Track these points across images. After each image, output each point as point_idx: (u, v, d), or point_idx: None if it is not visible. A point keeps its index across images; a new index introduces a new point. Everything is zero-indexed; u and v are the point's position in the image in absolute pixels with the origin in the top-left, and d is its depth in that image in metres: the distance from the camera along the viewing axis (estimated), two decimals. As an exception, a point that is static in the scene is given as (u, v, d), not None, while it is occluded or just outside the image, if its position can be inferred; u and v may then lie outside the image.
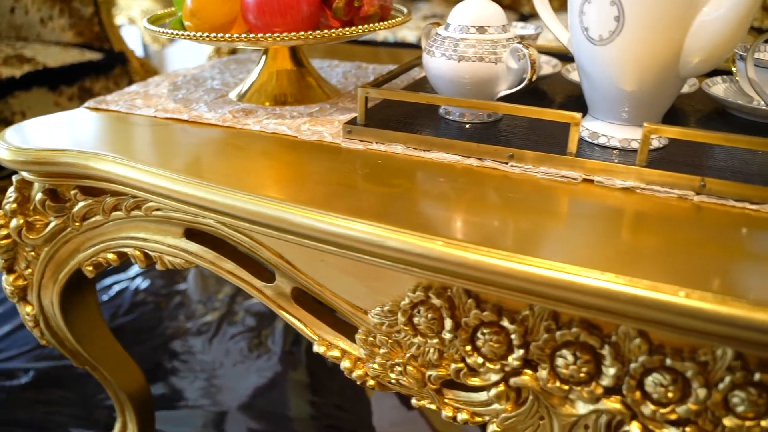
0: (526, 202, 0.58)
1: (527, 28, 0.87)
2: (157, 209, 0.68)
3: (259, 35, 0.71)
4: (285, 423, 1.19)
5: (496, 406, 0.58)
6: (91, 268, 0.77)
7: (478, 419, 0.60)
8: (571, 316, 0.51)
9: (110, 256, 0.75)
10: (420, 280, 0.56)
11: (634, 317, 0.47)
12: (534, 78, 0.65)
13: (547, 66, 0.90)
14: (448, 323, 0.55)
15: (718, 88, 0.82)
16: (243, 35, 0.72)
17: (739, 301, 0.43)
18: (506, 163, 0.64)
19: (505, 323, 0.53)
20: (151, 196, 0.66)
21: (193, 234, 0.70)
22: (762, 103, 0.69)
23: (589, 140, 0.66)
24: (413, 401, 0.63)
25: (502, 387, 0.56)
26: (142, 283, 1.57)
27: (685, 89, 0.81)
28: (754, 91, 0.65)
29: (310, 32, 0.71)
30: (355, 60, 1.10)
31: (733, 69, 0.77)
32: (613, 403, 0.53)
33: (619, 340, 0.50)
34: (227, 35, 0.71)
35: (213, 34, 0.71)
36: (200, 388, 1.26)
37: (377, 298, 0.59)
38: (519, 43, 0.66)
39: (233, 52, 1.78)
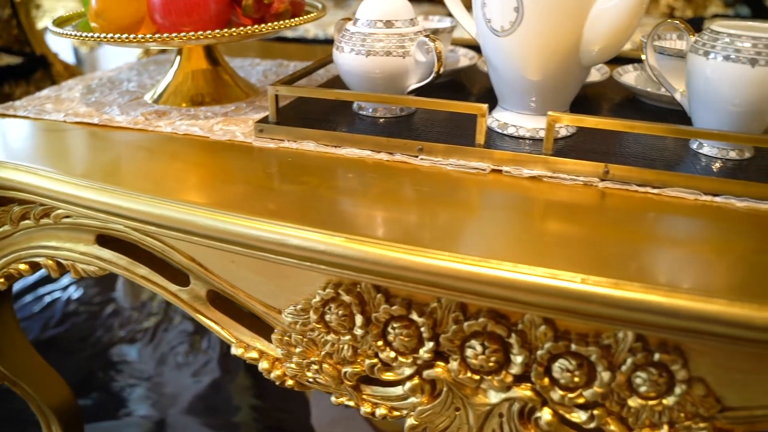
0: (434, 194, 0.58)
1: (444, 21, 0.88)
2: (66, 216, 0.67)
3: (165, 35, 0.70)
4: (226, 428, 1.17)
5: (412, 399, 0.58)
6: (2, 280, 0.75)
7: (397, 413, 0.60)
8: (478, 307, 0.52)
9: (22, 266, 0.73)
10: (330, 277, 0.55)
11: (537, 305, 0.47)
12: (441, 71, 0.65)
13: (465, 58, 0.90)
14: (358, 319, 0.55)
15: (629, 76, 0.84)
16: (149, 36, 0.70)
17: (632, 284, 0.44)
18: (416, 157, 0.64)
19: (415, 317, 0.53)
20: (58, 203, 0.64)
21: (107, 240, 0.68)
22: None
23: (499, 131, 0.67)
24: (332, 399, 0.62)
25: (416, 380, 0.56)
26: (75, 293, 1.53)
27: (597, 77, 0.82)
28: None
29: (217, 31, 0.70)
30: (292, 59, 1.09)
31: (643, 57, 0.79)
32: (523, 391, 0.53)
33: (525, 328, 0.51)
34: (133, 36, 0.70)
35: (118, 36, 0.70)
36: (138, 397, 1.24)
37: (290, 297, 0.59)
38: (426, 36, 0.66)
39: (164, 51, 1.75)
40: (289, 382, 0.63)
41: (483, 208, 0.56)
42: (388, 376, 0.57)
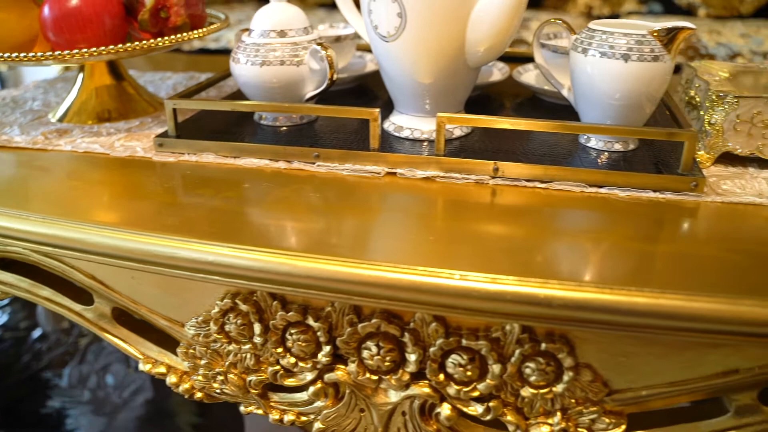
0: (328, 200, 0.58)
1: (348, 28, 0.89)
2: (-37, 241, 0.65)
3: (58, 53, 0.69)
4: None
5: (317, 403, 0.58)
6: None
7: (304, 419, 0.60)
8: (372, 309, 0.52)
9: None
10: (229, 287, 0.55)
11: (423, 303, 0.48)
12: (334, 78, 0.66)
13: (372, 64, 0.91)
14: (257, 327, 0.55)
15: (529, 75, 0.86)
16: (42, 54, 0.69)
17: (508, 278, 0.46)
18: (313, 163, 0.64)
19: (311, 322, 0.54)
20: (-49, 228, 0.63)
21: (8, 263, 0.67)
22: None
23: (396, 134, 0.68)
24: (241, 408, 0.62)
25: (319, 384, 0.57)
26: (0, 318, 1.50)
27: (499, 77, 0.84)
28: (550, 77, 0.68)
29: (112, 47, 0.70)
30: (215, 71, 1.08)
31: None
32: (422, 388, 0.54)
33: (417, 326, 0.52)
34: (24, 55, 0.69)
35: (8, 54, 0.69)
36: (72, 421, 1.21)
37: (192, 310, 0.59)
38: (318, 44, 0.67)
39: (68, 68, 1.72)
40: (198, 395, 0.63)
41: (375, 211, 0.57)
42: (291, 382, 0.58)
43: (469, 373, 0.52)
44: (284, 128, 0.71)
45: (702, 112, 0.65)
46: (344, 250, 0.50)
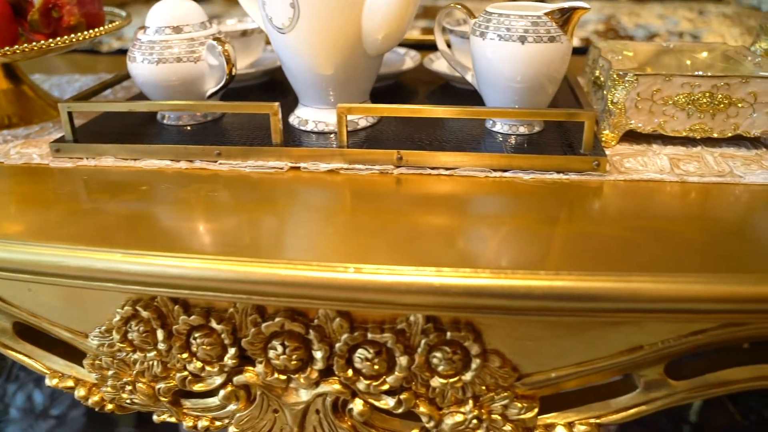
0: (229, 199, 0.57)
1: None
2: None
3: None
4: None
5: (230, 407, 0.57)
6: None
7: (219, 423, 0.59)
8: (276, 307, 0.51)
9: None
10: (129, 294, 0.54)
11: (323, 299, 0.47)
12: (234, 73, 0.64)
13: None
14: (160, 334, 0.54)
15: (441, 62, 0.86)
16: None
17: (403, 268, 0.45)
18: (215, 162, 0.63)
19: (214, 324, 0.52)
20: None
21: None
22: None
23: (301, 128, 0.66)
24: (154, 417, 0.60)
25: (229, 388, 0.56)
26: None
27: (411, 65, 0.83)
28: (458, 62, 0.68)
29: None
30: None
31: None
32: (332, 385, 0.53)
33: (321, 323, 0.50)
34: None
35: None
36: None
37: (95, 320, 0.56)
38: (215, 39, 0.65)
39: None
40: (109, 407, 0.61)
41: (276, 208, 0.56)
42: (201, 387, 0.56)
43: (376, 367, 0.51)
44: (188, 127, 0.69)
45: (605, 92, 0.65)
46: (242, 249, 0.49)
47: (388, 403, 0.53)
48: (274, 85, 0.85)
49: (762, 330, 0.49)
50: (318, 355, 0.51)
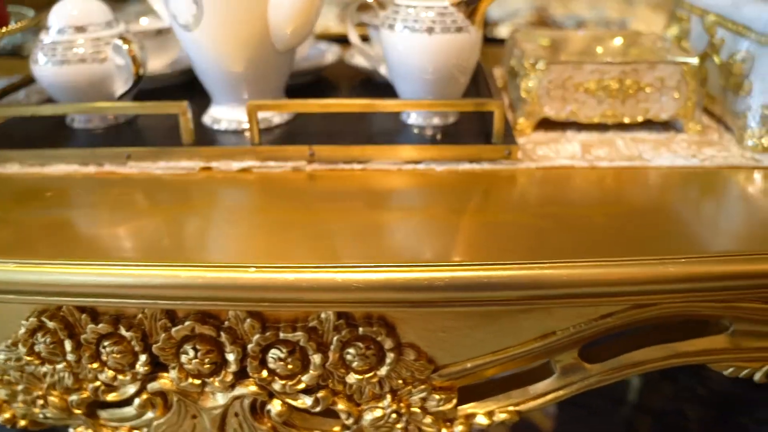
0: (136, 202, 0.55)
1: None
2: None
3: None
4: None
5: (147, 415, 0.56)
6: None
7: (138, 433, 0.57)
8: (186, 311, 0.50)
9: None
10: (35, 305, 0.52)
11: (229, 300, 0.46)
12: (141, 73, 0.63)
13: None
14: (68, 344, 0.52)
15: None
16: None
17: (304, 265, 0.44)
18: (125, 165, 0.61)
19: (123, 331, 0.51)
20: None
21: None
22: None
23: (215, 127, 0.65)
24: (70, 431, 0.59)
25: (144, 396, 0.54)
26: None
27: (331, 59, 0.83)
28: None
29: None
30: None
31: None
32: (247, 387, 0.52)
33: (232, 324, 0.50)
34: None
35: None
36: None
37: (2, 333, 0.54)
38: (120, 38, 0.63)
39: None
40: (22, 423, 0.59)
41: (184, 210, 0.55)
42: (115, 396, 0.55)
43: (290, 366, 0.50)
44: (99, 130, 0.67)
45: (518, 80, 0.66)
46: (147, 253, 0.48)
47: (305, 402, 0.52)
48: (194, 85, 0.83)
49: (668, 310, 0.50)
50: (231, 357, 0.50)
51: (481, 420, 0.54)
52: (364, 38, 0.79)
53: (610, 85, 0.63)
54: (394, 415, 0.53)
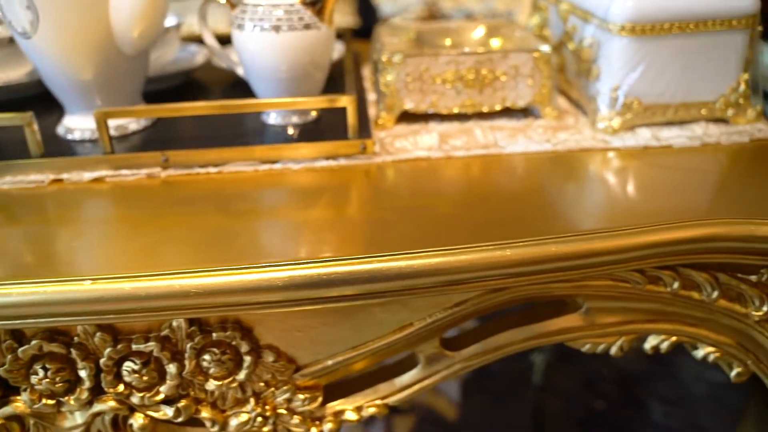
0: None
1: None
2: None
3: None
4: None
5: (4, 441, 0.53)
6: None
7: (-3, 460, 0.55)
8: (35, 329, 0.48)
9: None
10: None
11: (72, 315, 0.45)
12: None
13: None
14: None
15: (234, 56, 0.84)
16: None
17: (138, 274, 0.43)
18: (-32, 181, 0.58)
19: (-34, 356, 0.49)
20: None
21: None
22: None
23: (68, 137, 0.63)
24: (-74, 464, 0.56)
25: (-1, 421, 0.52)
26: None
27: (202, 60, 0.81)
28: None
29: None
30: None
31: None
32: (106, 403, 0.51)
33: (82, 339, 0.48)
34: None
35: None
36: None
37: None
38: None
39: None
40: None
41: (31, 224, 0.52)
42: (-34, 425, 0.52)
43: (146, 378, 0.49)
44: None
45: (378, 74, 0.66)
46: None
47: (167, 413, 0.51)
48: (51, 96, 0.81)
49: (521, 293, 0.51)
50: (83, 373, 0.49)
51: (351, 416, 0.54)
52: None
53: (466, 76, 0.64)
54: (260, 419, 0.52)
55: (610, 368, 1.34)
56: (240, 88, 0.77)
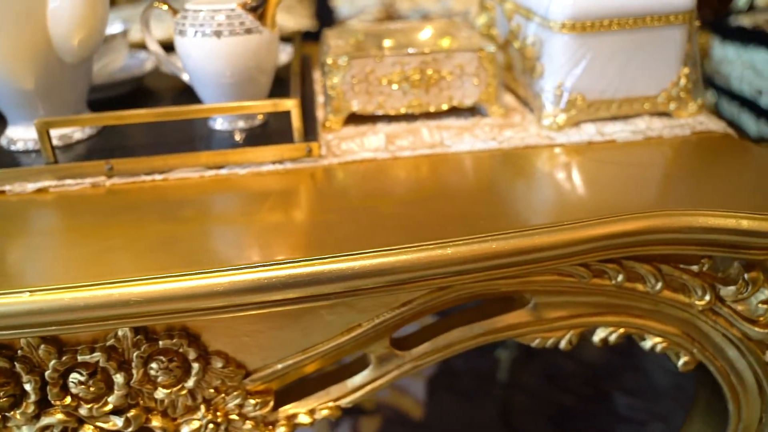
0: None
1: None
2: None
3: None
4: None
5: (-49, 459, 0.52)
6: None
7: (-55, 478, 0.54)
8: (-24, 343, 0.47)
9: None
10: None
11: (9, 328, 0.44)
12: None
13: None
14: None
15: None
16: None
17: (77, 285, 0.43)
18: None
19: None
20: None
21: None
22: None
23: (11, 148, 0.62)
24: None
25: (-57, 439, 0.51)
26: None
27: (151, 66, 0.81)
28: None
29: None
30: None
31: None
32: (54, 416, 0.50)
33: (26, 352, 0.47)
34: None
35: None
36: None
37: None
38: None
39: None
40: None
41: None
42: None
43: (93, 389, 0.49)
44: None
45: (325, 77, 0.66)
46: None
47: (116, 423, 0.51)
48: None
49: (467, 291, 0.51)
50: (28, 387, 0.48)
51: (304, 419, 0.54)
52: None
53: (412, 76, 0.64)
54: (211, 426, 0.52)
55: (575, 362, 1.35)
56: (190, 94, 0.77)
